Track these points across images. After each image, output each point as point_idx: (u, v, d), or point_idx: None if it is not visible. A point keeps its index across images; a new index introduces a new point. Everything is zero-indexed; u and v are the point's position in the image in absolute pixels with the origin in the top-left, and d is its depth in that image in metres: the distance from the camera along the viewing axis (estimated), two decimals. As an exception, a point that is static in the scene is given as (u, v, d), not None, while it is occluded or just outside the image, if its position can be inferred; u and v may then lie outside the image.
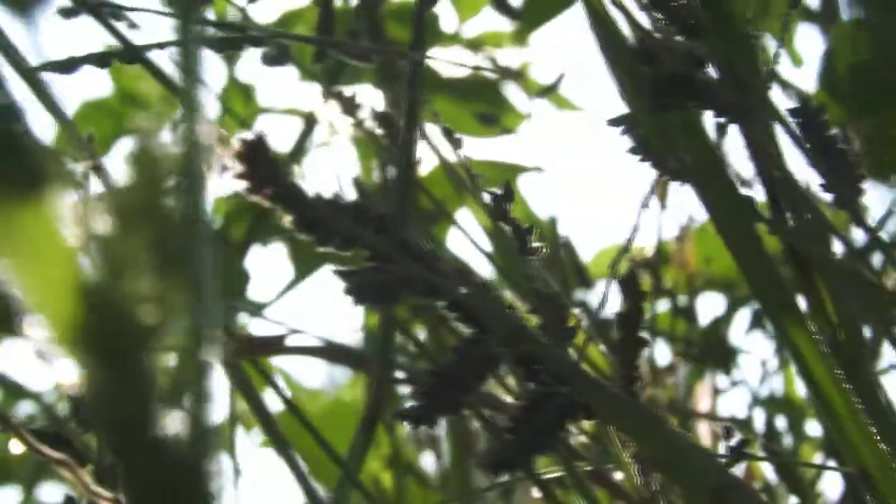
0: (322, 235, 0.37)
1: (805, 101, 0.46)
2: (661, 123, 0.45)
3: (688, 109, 0.45)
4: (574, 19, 1.27)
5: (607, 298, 0.45)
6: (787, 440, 0.98)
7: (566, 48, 1.48)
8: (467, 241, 0.65)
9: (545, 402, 0.44)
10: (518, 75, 1.54)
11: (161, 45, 0.46)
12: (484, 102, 1.43)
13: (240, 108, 1.47)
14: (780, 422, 0.99)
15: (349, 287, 0.37)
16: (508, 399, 0.53)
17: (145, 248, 0.22)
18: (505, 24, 1.64)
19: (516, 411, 0.44)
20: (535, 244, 0.47)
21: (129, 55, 0.45)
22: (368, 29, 1.04)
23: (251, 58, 1.58)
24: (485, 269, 0.74)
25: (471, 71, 1.53)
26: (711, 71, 0.45)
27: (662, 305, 0.95)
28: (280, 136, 1.41)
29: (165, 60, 0.47)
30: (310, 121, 1.34)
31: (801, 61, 1.01)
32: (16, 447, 0.44)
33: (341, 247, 0.38)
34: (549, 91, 0.98)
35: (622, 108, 0.46)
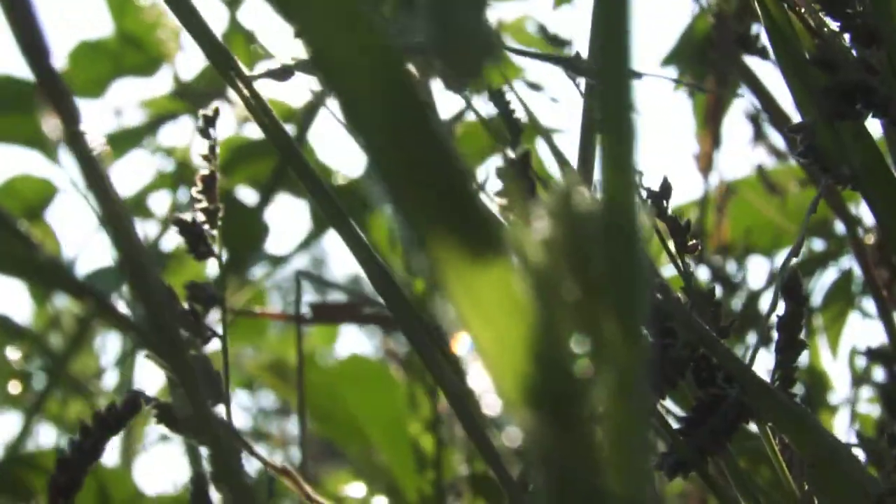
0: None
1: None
2: (834, 130, 0.46)
3: (862, 117, 0.46)
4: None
5: (776, 305, 0.45)
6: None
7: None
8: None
9: (718, 405, 0.45)
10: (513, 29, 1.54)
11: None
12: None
13: (242, 55, 1.45)
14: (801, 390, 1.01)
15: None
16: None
17: (580, 299, 0.22)
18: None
19: (690, 414, 0.45)
20: (692, 242, 0.48)
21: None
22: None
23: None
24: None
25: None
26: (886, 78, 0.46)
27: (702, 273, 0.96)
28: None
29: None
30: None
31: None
32: None
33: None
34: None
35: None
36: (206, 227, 0.56)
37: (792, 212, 1.04)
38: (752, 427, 0.46)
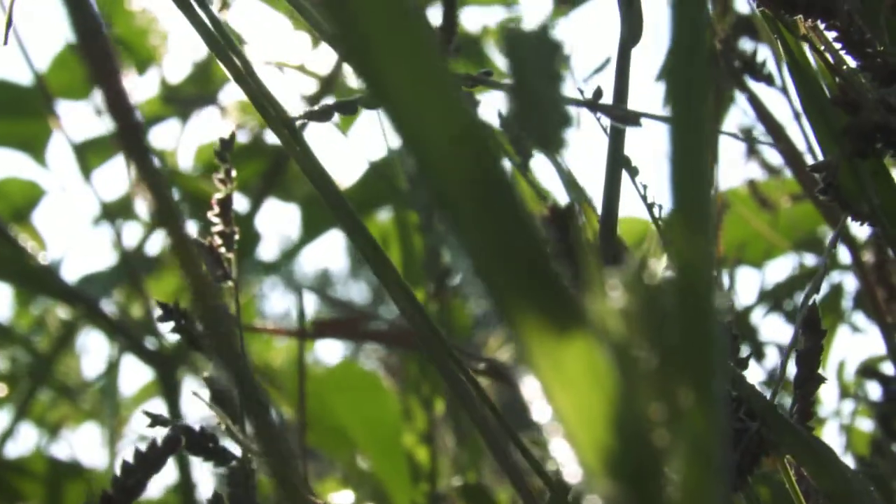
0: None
1: None
2: (854, 168, 0.47)
3: (882, 156, 0.46)
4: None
5: (797, 340, 0.46)
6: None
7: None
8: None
9: (740, 439, 0.45)
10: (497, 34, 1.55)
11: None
12: (466, 59, 1.43)
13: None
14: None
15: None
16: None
17: (656, 369, 0.23)
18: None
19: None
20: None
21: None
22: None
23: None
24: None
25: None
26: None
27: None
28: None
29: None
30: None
31: None
32: None
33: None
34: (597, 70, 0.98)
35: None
36: (223, 250, 0.57)
37: (783, 226, 1.05)
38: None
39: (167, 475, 1.31)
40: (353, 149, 1.63)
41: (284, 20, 1.37)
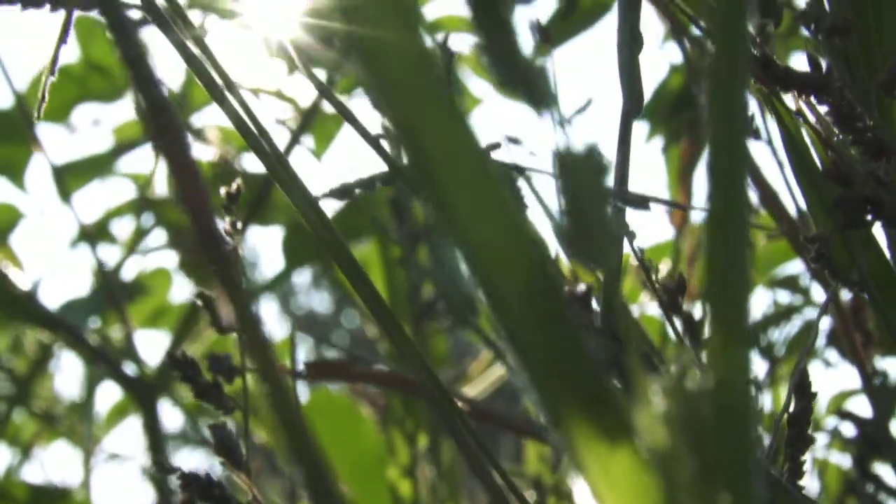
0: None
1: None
2: (845, 238, 0.49)
3: (871, 227, 0.49)
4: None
5: (790, 402, 0.48)
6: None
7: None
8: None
9: None
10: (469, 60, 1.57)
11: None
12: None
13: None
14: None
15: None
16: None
17: (696, 476, 0.25)
18: (462, 10, 1.65)
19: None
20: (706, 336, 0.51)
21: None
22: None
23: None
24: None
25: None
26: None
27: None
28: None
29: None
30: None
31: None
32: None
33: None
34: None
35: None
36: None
37: (759, 264, 1.08)
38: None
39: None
40: (331, 176, 1.64)
41: (259, 46, 1.38)
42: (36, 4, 0.50)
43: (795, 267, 1.13)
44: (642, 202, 0.43)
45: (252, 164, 1.40)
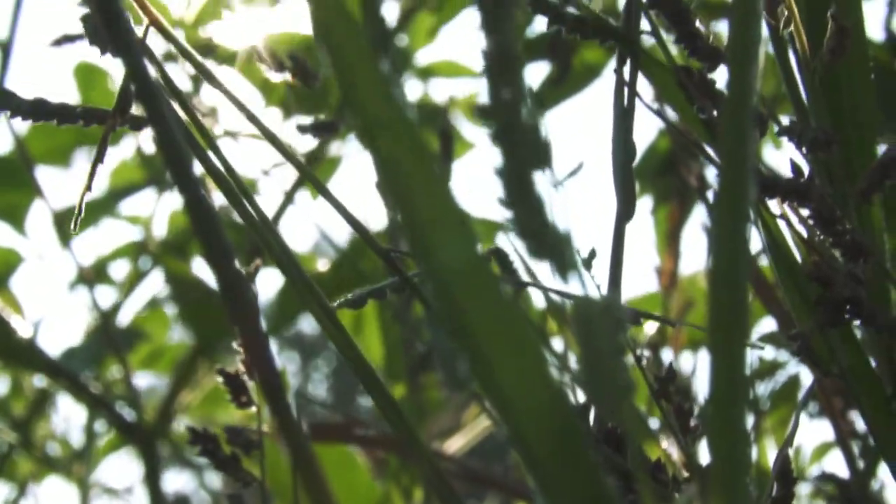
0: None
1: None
2: (825, 334, 0.52)
3: (850, 325, 0.52)
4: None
5: (772, 489, 0.52)
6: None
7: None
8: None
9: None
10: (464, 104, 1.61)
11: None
12: (432, 130, 1.49)
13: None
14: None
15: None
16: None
17: None
18: (458, 54, 1.69)
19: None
20: (693, 423, 0.54)
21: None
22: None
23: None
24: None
25: (418, 98, 1.59)
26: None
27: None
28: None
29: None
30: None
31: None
32: None
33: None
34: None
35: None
36: (247, 377, 0.61)
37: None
38: None
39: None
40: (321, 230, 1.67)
41: (256, 94, 1.41)
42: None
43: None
44: (635, 318, 0.47)
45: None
